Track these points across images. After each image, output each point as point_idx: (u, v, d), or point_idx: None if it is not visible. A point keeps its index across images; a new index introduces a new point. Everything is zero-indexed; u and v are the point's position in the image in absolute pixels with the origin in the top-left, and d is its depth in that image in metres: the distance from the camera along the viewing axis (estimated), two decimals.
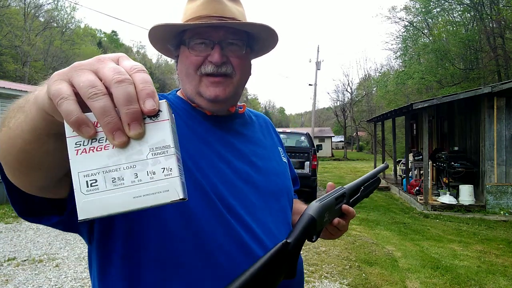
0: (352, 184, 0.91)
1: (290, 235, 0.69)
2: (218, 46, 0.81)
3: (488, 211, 7.67)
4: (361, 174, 7.25)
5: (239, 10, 0.87)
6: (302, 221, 0.72)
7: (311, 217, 0.73)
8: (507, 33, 16.39)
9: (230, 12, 0.83)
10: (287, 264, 0.65)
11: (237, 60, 0.84)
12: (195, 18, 0.82)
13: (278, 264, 0.62)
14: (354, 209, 0.90)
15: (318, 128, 40.44)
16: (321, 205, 0.77)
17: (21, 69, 27.34)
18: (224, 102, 0.85)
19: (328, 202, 0.80)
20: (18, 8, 30.05)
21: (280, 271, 0.63)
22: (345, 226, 0.87)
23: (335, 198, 0.83)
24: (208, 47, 0.82)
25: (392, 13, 23.61)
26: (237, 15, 0.84)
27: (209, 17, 0.81)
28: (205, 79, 0.82)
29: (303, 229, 0.70)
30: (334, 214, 0.83)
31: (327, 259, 4.63)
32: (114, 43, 58.07)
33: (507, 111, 7.80)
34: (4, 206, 7.81)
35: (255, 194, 0.84)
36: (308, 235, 0.72)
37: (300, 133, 10.71)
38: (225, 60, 0.82)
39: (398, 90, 22.10)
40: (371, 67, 67.02)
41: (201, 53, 0.82)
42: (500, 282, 4.02)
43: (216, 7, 0.82)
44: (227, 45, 0.83)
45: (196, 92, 0.84)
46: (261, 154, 0.93)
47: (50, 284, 3.77)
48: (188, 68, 0.83)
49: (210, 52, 0.81)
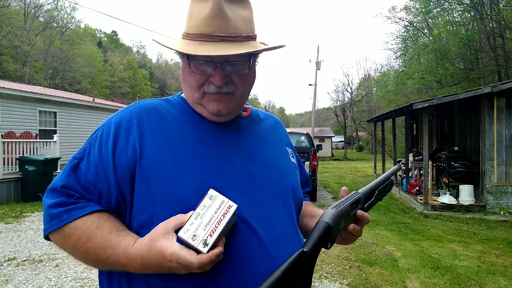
0: (366, 188, 0.90)
1: (306, 243, 0.68)
2: (220, 68, 0.80)
3: (488, 211, 7.67)
4: (361, 174, 7.29)
5: (244, 17, 0.83)
6: (318, 229, 0.71)
7: (327, 225, 0.72)
8: (507, 33, 16.38)
9: (233, 28, 0.80)
10: (304, 273, 0.65)
11: (239, 78, 0.83)
12: (197, 35, 0.80)
13: (296, 273, 0.62)
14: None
15: (318, 128, 40.44)
16: (337, 212, 0.76)
17: (21, 69, 27.35)
18: (226, 116, 0.87)
19: (344, 208, 0.79)
20: (18, 8, 30.07)
21: (298, 280, 0.63)
22: (360, 232, 0.86)
23: (351, 204, 0.82)
24: (210, 67, 0.81)
25: (392, 13, 23.60)
26: (241, 29, 0.82)
27: (211, 36, 0.79)
28: (208, 95, 0.83)
29: (319, 237, 0.70)
30: (349, 220, 0.82)
31: (327, 259, 4.62)
32: (114, 43, 58.03)
33: (507, 111, 7.80)
34: (4, 206, 7.81)
35: (260, 193, 0.84)
36: (324, 243, 0.72)
37: (300, 133, 10.71)
38: (227, 80, 0.82)
39: (398, 90, 22.08)
40: (371, 67, 67.00)
41: (203, 72, 0.82)
42: (500, 282, 4.02)
43: (220, 25, 0.79)
44: (230, 65, 0.81)
45: (198, 104, 0.86)
46: (266, 153, 0.93)
47: (50, 284, 3.77)
48: (191, 83, 0.84)
49: (212, 73, 0.81)
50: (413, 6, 20.90)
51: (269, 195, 0.85)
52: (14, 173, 8.68)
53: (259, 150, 0.91)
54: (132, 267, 0.73)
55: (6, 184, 8.40)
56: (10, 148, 8.78)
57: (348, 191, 0.88)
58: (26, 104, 11.61)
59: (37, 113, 12.10)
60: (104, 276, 0.84)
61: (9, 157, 8.74)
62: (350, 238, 0.88)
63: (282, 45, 0.85)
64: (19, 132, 10.82)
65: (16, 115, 11.23)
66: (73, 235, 0.75)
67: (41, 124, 12.25)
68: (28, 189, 8.45)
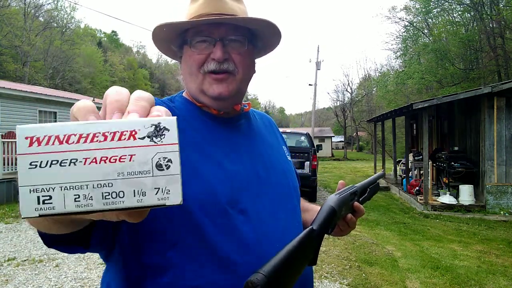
0: (362, 183, 0.95)
1: (314, 222, 0.71)
2: (220, 43, 0.82)
3: (488, 211, 7.67)
4: (361, 174, 7.30)
5: (241, 7, 0.87)
6: (324, 211, 0.75)
7: (332, 208, 0.76)
8: (507, 33, 16.38)
9: (231, 9, 0.83)
10: (312, 250, 0.67)
11: (239, 56, 0.84)
12: (196, 17, 0.83)
13: (305, 248, 0.64)
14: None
15: (318, 128, 40.42)
16: (340, 198, 0.80)
17: (21, 69, 27.36)
18: (227, 99, 0.85)
19: (346, 196, 0.83)
20: (18, 8, 30.06)
21: (306, 256, 0.64)
22: (354, 223, 0.90)
23: (350, 193, 0.86)
24: (210, 45, 0.82)
25: (392, 13, 23.68)
26: (238, 12, 0.85)
27: (210, 15, 0.82)
28: (208, 77, 0.83)
29: (326, 218, 0.73)
30: (347, 210, 0.86)
31: (327, 259, 4.62)
32: (114, 43, 58.05)
33: (507, 111, 7.80)
34: (4, 206, 7.81)
35: (267, 195, 0.83)
36: (328, 226, 0.74)
37: (300, 133, 10.71)
38: (227, 56, 0.82)
39: (398, 90, 22.11)
40: (371, 67, 67.02)
41: (203, 51, 0.82)
42: (500, 282, 4.02)
43: (217, 5, 0.82)
44: (229, 42, 0.83)
45: (200, 91, 0.85)
46: (269, 154, 0.93)
47: (50, 284, 3.77)
48: (191, 66, 0.84)
49: (212, 50, 0.82)
50: (413, 6, 20.94)
51: (276, 196, 0.85)
52: (14, 173, 8.67)
53: (262, 152, 0.91)
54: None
55: (6, 184, 8.40)
56: (10, 148, 8.78)
57: (345, 184, 0.91)
58: (26, 104, 11.61)
59: (37, 113, 12.10)
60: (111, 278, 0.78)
61: (9, 157, 8.74)
62: (345, 229, 0.90)
63: (278, 26, 0.86)
64: None
65: (16, 115, 11.23)
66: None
67: None
68: None
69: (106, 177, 0.35)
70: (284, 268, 0.56)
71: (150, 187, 0.35)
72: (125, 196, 0.35)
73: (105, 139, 0.35)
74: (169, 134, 0.36)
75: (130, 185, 0.35)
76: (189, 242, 0.71)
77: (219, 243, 0.72)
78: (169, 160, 0.36)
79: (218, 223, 0.73)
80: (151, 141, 0.36)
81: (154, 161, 0.35)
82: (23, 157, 0.34)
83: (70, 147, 0.34)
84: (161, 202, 0.35)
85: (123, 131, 0.35)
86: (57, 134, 0.34)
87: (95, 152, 0.35)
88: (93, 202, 0.34)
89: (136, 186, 0.35)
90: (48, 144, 0.34)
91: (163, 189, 0.35)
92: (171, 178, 0.36)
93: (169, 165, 0.36)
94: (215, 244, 0.71)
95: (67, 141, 0.34)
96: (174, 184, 0.36)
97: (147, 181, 0.35)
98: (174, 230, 0.70)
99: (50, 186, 0.34)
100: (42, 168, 0.34)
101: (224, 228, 0.73)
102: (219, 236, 0.72)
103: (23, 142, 0.34)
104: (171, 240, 0.70)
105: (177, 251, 0.70)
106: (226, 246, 0.72)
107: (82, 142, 0.35)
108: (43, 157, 0.34)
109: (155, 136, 0.36)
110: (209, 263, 0.71)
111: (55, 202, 0.34)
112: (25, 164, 0.34)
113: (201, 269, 0.70)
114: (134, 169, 0.35)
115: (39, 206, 0.34)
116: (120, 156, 0.35)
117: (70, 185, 0.34)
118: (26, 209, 0.34)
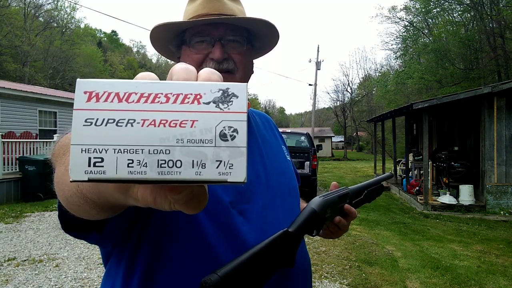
0: (356, 186, 0.93)
1: (292, 225, 0.70)
2: (219, 43, 0.81)
3: (488, 211, 7.67)
4: (361, 174, 7.30)
5: (239, 8, 0.87)
6: (304, 213, 0.74)
7: (313, 210, 0.75)
8: (507, 33, 16.38)
9: (229, 9, 0.83)
10: (286, 252, 0.66)
11: (238, 56, 0.84)
12: (194, 17, 0.83)
13: (276, 250, 0.63)
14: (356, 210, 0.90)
15: (318, 128, 40.44)
16: (323, 201, 0.79)
17: (21, 69, 27.35)
18: None
19: (331, 199, 0.82)
20: (18, 8, 30.05)
21: (277, 257, 0.64)
22: (346, 226, 0.88)
23: (338, 196, 0.84)
24: (209, 45, 0.82)
25: (392, 13, 23.61)
26: (237, 13, 0.85)
27: (208, 16, 0.82)
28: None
29: (305, 220, 0.72)
30: (336, 212, 0.84)
31: (327, 259, 4.62)
32: (114, 43, 58.05)
33: (507, 111, 7.80)
34: (4, 206, 7.81)
35: (267, 195, 0.83)
36: (309, 228, 0.74)
37: (300, 133, 10.73)
38: (226, 56, 0.82)
39: (398, 90, 22.11)
40: (371, 67, 66.95)
41: (202, 51, 0.82)
42: (500, 282, 4.02)
43: (215, 6, 0.82)
44: (228, 42, 0.83)
45: None
46: (268, 154, 0.92)
47: (50, 284, 3.77)
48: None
49: (211, 50, 0.82)
50: (413, 6, 20.93)
51: (277, 196, 0.85)
52: (14, 173, 8.68)
53: (262, 151, 0.91)
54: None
55: (6, 184, 8.40)
56: (10, 148, 8.79)
57: (338, 185, 0.90)
58: (26, 104, 11.61)
59: (37, 113, 12.10)
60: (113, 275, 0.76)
61: (9, 157, 8.74)
62: (336, 232, 0.89)
63: (276, 26, 0.86)
64: (19, 132, 10.83)
65: (16, 115, 11.24)
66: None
67: (41, 124, 12.25)
68: (28, 189, 8.46)
69: (164, 142, 0.31)
70: (243, 269, 0.55)
71: (211, 158, 0.31)
72: (182, 166, 0.31)
73: (167, 101, 0.31)
74: (237, 101, 0.32)
75: (188, 154, 0.31)
76: (189, 240, 0.71)
77: (219, 242, 0.72)
78: (234, 130, 0.31)
79: (218, 222, 0.73)
80: (217, 107, 0.32)
81: (218, 130, 0.31)
82: (79, 113, 0.31)
83: (129, 106, 0.31)
84: (222, 177, 0.31)
85: (187, 93, 0.32)
86: (118, 91, 0.31)
87: (155, 114, 0.31)
88: (147, 170, 0.30)
89: (196, 156, 0.31)
90: (107, 101, 0.31)
91: (226, 162, 0.31)
92: (235, 150, 0.31)
93: (234, 135, 0.31)
94: (215, 243, 0.71)
95: (126, 100, 0.31)
96: (238, 158, 0.31)
97: (208, 151, 0.31)
98: (174, 227, 0.71)
99: (103, 147, 0.30)
100: (97, 127, 0.31)
101: (224, 228, 0.73)
102: (219, 235, 0.72)
103: (81, 96, 0.31)
104: (171, 237, 0.70)
105: (177, 248, 0.70)
106: (226, 245, 0.72)
107: (143, 102, 0.31)
108: (100, 114, 0.31)
109: (222, 102, 0.32)
110: (208, 262, 0.71)
111: (107, 166, 0.30)
112: (80, 120, 0.31)
113: (201, 267, 0.70)
114: (195, 137, 0.31)
115: (89, 168, 0.30)
116: (181, 121, 0.31)
117: (125, 148, 0.30)
118: (75, 171, 0.30)
